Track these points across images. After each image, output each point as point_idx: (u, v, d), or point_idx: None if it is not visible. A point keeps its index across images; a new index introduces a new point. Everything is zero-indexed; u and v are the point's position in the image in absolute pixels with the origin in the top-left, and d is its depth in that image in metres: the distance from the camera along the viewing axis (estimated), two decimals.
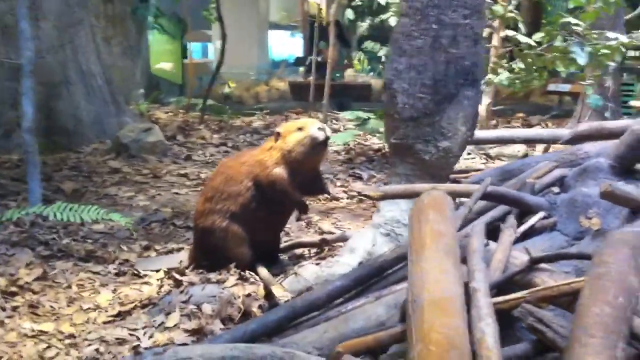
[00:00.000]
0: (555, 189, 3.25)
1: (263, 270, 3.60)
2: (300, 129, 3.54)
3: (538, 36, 5.33)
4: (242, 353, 2.31)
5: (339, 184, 6.09)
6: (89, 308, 3.45)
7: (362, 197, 4.07)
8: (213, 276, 3.66)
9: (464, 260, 2.28)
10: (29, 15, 6.74)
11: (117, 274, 3.91)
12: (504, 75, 5.76)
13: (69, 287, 3.65)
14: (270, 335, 2.80)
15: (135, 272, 3.90)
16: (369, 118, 7.28)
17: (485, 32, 5.21)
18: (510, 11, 5.29)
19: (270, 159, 3.56)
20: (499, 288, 2.21)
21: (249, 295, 3.41)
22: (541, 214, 3.06)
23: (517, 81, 5.90)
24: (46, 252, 3.95)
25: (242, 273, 3.62)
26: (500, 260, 2.24)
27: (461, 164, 5.97)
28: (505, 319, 2.04)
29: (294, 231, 4.67)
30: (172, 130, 8.37)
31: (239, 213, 3.63)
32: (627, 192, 2.50)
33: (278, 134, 3.58)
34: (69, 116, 7.01)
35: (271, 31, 19.38)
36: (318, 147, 3.52)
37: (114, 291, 3.66)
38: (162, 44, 15.12)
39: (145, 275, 3.87)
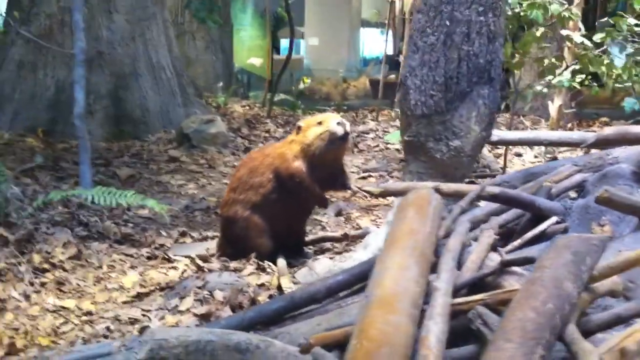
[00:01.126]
0: (573, 194, 3.14)
1: (281, 261, 3.66)
2: (320, 123, 3.57)
3: (598, 37, 5.11)
4: (217, 338, 2.36)
5: (390, 181, 6.07)
6: (112, 288, 3.61)
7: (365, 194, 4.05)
8: (234, 264, 3.76)
9: None
10: (102, 9, 7.14)
11: (148, 258, 4.07)
12: (564, 77, 5.55)
13: (100, 267, 3.83)
14: (268, 324, 2.85)
15: (166, 257, 4.04)
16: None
17: (539, 32, 5.04)
18: (568, 9, 5.09)
19: (291, 152, 3.61)
20: (470, 289, 2.18)
21: (262, 285, 3.48)
22: (554, 219, 2.96)
23: (585, 83, 5.70)
24: (84, 232, 4.15)
25: (261, 263, 3.69)
26: (474, 261, 2.20)
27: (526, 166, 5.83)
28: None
29: (330, 226, 4.72)
30: (239, 122, 8.56)
31: (261, 204, 3.70)
32: (625, 197, 2.40)
33: (299, 128, 3.63)
34: (136, 106, 7.31)
35: (363, 29, 19.42)
36: (337, 141, 3.54)
37: (141, 274, 3.81)
38: (255, 40, 15.53)
39: (175, 260, 4.01)
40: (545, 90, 5.73)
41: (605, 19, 5.59)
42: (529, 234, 2.91)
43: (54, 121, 6.97)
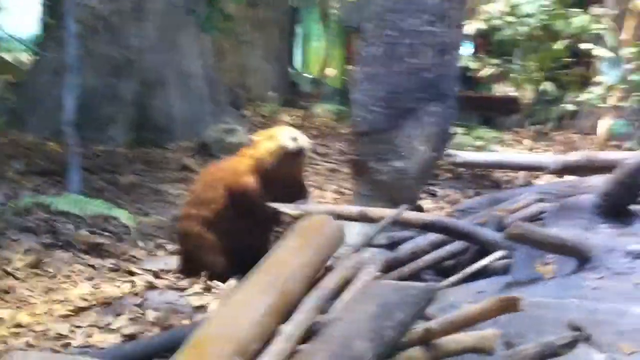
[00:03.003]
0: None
1: (231, 283, 3.45)
2: (272, 137, 3.34)
3: (626, 52, 4.66)
4: None
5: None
6: (57, 300, 3.49)
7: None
8: (184, 282, 3.58)
9: None
10: (133, 16, 7.16)
11: (111, 269, 3.95)
12: (594, 94, 5.11)
13: (54, 276, 3.73)
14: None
15: (127, 270, 3.91)
16: (455, 133, 6.81)
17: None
18: (597, 21, 4.67)
19: (243, 167, 3.40)
20: None
21: (200, 307, 3.28)
22: (498, 254, 2.65)
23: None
24: (50, 240, 4.07)
25: (209, 282, 3.50)
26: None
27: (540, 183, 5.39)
28: None
29: None
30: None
31: (213, 220, 3.51)
32: (540, 233, 2.06)
33: (253, 141, 3.42)
34: (162, 114, 7.26)
35: None
36: (289, 157, 3.30)
37: (95, 286, 3.69)
38: (330, 50, 15.45)
39: (136, 274, 3.87)
40: (573, 107, 5.29)
41: None
42: (468, 270, 2.62)
43: (80, 126, 7.01)
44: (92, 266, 3.95)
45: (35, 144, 6.66)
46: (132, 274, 3.89)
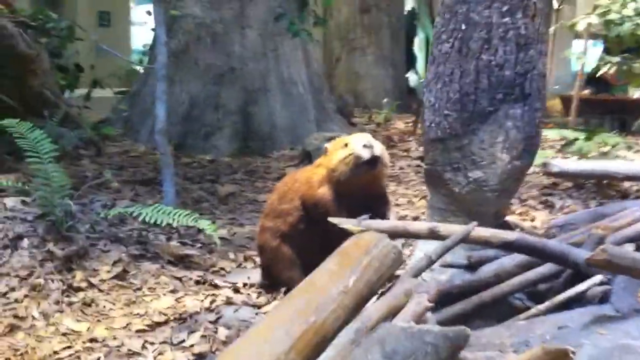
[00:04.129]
0: (630, 246, 2.42)
1: None
2: (346, 145, 3.14)
3: None
4: None
5: (519, 210, 5.35)
6: (137, 313, 3.46)
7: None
8: (262, 298, 3.45)
9: None
10: (236, 24, 7.21)
11: (197, 282, 3.89)
12: None
13: (139, 289, 3.72)
14: None
15: (212, 283, 3.84)
16: (576, 139, 6.27)
17: None
18: None
19: (317, 178, 3.21)
20: None
21: None
22: (596, 279, 2.31)
23: None
24: (139, 251, 4.08)
25: None
26: None
27: None
28: None
29: None
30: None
31: (289, 233, 3.35)
32: (634, 259, 1.72)
33: (326, 150, 3.23)
34: (264, 122, 7.25)
35: (576, 41, 18.06)
36: (363, 166, 3.08)
37: (177, 299, 3.64)
38: None
39: (220, 287, 3.80)
40: None
41: None
42: (561, 297, 2.30)
43: (186, 135, 7.14)
44: (179, 279, 3.91)
45: (145, 153, 6.84)
46: (216, 287, 3.81)
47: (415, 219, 5.24)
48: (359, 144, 3.07)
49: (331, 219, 2.44)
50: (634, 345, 1.67)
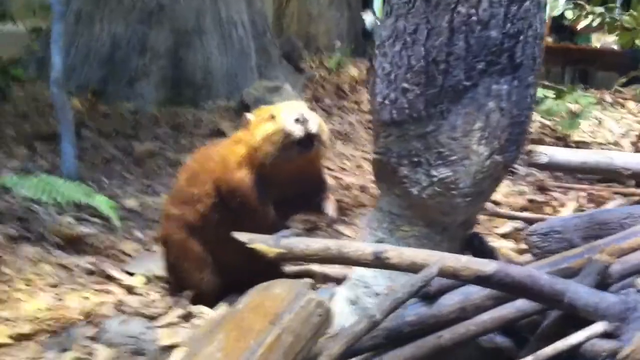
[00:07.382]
0: None
1: (221, 307, 2.60)
2: (273, 117, 2.40)
3: None
4: None
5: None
6: (2, 318, 2.72)
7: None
8: (161, 307, 2.74)
9: None
10: None
11: (88, 272, 3.16)
12: None
13: (11, 281, 2.96)
14: None
15: (106, 274, 3.12)
16: (545, 97, 5.65)
17: None
18: None
19: (235, 157, 2.48)
20: None
21: (171, 347, 2.43)
22: (599, 327, 1.67)
23: None
24: (17, 231, 3.30)
25: (193, 307, 2.64)
26: None
27: None
28: None
29: None
30: (328, 90, 7.46)
31: (200, 225, 2.62)
32: None
33: (247, 121, 2.49)
34: (198, 68, 6.39)
35: None
36: (294, 148, 2.36)
37: (59, 297, 2.90)
38: None
39: (114, 280, 3.08)
40: None
41: None
42: (549, 349, 1.66)
43: (106, 81, 6.25)
44: (65, 267, 3.16)
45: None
46: (110, 279, 3.09)
47: (364, 189, 4.57)
48: (289, 117, 2.33)
49: (236, 235, 1.73)
50: None
